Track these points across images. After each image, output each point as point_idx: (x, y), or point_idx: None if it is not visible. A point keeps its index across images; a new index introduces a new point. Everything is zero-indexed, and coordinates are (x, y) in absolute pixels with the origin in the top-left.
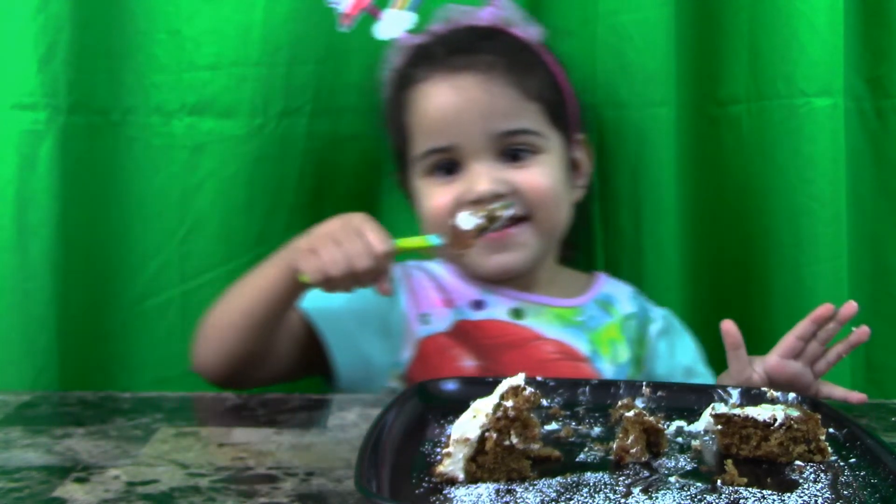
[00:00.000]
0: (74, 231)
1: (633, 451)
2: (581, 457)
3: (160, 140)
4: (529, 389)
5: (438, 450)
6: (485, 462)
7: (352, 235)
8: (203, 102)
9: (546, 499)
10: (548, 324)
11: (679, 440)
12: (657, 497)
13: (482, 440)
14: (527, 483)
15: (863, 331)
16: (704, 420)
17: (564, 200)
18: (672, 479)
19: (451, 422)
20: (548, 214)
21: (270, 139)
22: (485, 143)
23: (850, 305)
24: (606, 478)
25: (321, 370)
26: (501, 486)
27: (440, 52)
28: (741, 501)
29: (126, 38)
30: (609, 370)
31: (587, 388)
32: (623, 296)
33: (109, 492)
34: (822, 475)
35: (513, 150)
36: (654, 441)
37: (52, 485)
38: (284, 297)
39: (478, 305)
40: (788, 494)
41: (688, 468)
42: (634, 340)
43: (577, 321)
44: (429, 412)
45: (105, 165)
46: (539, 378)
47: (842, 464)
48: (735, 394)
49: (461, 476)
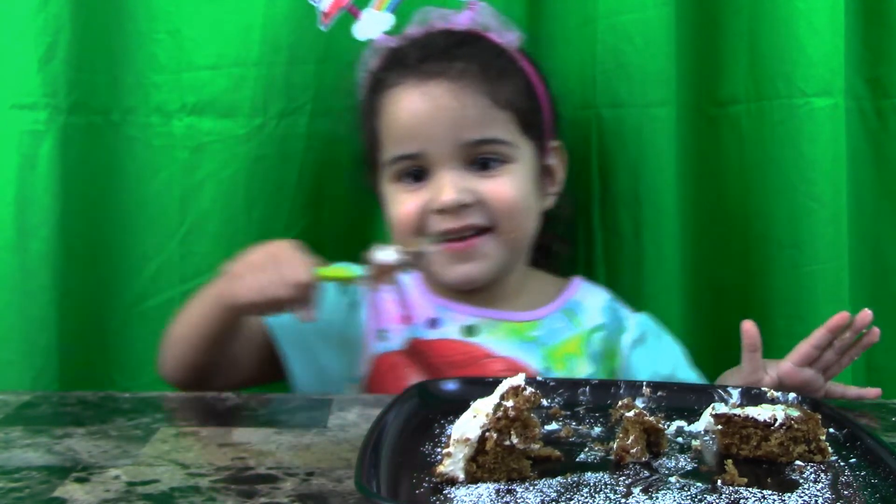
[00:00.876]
0: (74, 231)
1: (634, 451)
2: (581, 457)
3: (160, 140)
4: (529, 389)
5: (438, 450)
6: (485, 462)
7: (273, 264)
8: (203, 102)
9: (546, 499)
10: (500, 340)
11: (679, 440)
12: (657, 497)
13: (482, 440)
14: (527, 483)
15: (874, 333)
16: (704, 420)
17: (532, 210)
18: (672, 479)
19: (451, 422)
20: (513, 225)
21: (270, 139)
22: (453, 152)
23: (866, 313)
24: (606, 478)
25: (286, 375)
26: (501, 486)
27: (413, 58)
28: (741, 501)
29: (126, 38)
30: None
31: (587, 388)
32: (594, 305)
33: (109, 492)
34: (823, 475)
35: (482, 159)
36: (654, 441)
37: (53, 485)
38: (220, 320)
39: (433, 324)
40: (788, 494)
41: (688, 468)
42: (601, 354)
43: (532, 336)
44: (429, 412)
45: (105, 165)
46: (539, 378)
47: (842, 464)
48: (735, 394)
49: (461, 476)
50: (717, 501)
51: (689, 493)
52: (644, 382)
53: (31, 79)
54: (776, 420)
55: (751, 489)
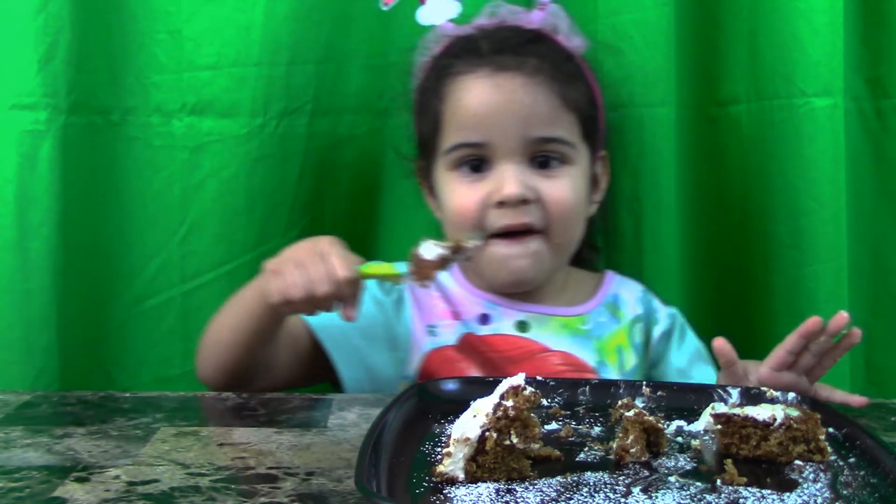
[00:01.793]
0: (74, 231)
1: (633, 451)
2: (581, 457)
3: (160, 140)
4: (529, 389)
5: (438, 450)
6: (485, 462)
7: (315, 259)
8: (203, 102)
9: (546, 499)
10: (553, 335)
11: (679, 440)
12: (657, 497)
13: (482, 440)
14: (527, 483)
15: (854, 333)
16: (704, 420)
17: (582, 216)
18: (672, 479)
19: (451, 422)
20: (564, 228)
21: (270, 139)
22: (517, 146)
23: (841, 316)
24: (606, 477)
25: (329, 377)
26: (501, 486)
27: (486, 48)
28: (741, 501)
29: (126, 38)
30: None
31: (587, 388)
32: (631, 297)
33: (110, 492)
34: (822, 475)
35: (543, 158)
36: (654, 441)
37: (53, 485)
38: (263, 319)
39: (484, 319)
40: (788, 494)
41: (688, 468)
42: (641, 344)
43: (583, 329)
44: (429, 412)
45: (105, 165)
46: (539, 378)
47: (841, 463)
48: (735, 393)
49: (461, 476)
50: (717, 501)
51: (689, 493)
52: (644, 382)
53: (31, 79)
54: (776, 420)
55: (750, 489)
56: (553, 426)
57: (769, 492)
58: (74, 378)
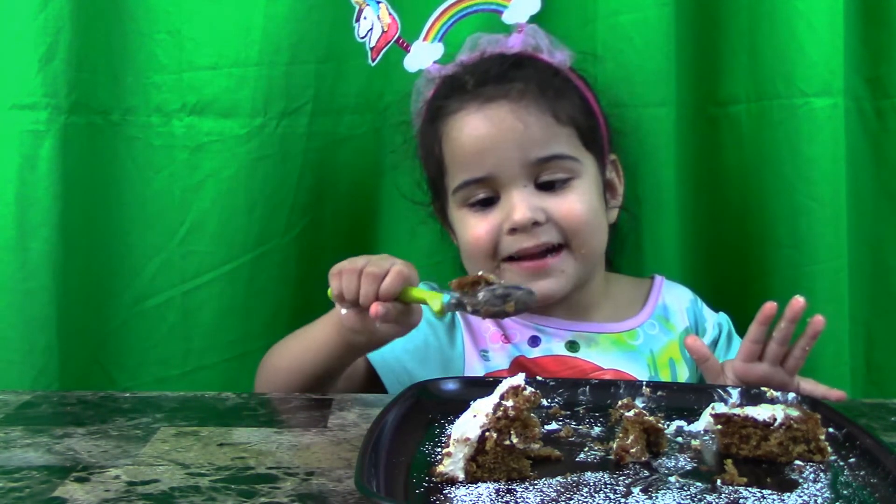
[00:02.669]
0: (74, 231)
1: (633, 451)
2: (581, 457)
3: (160, 140)
4: (529, 389)
5: (438, 450)
6: (485, 462)
7: (372, 272)
8: (203, 102)
9: (546, 499)
10: (604, 353)
11: (679, 440)
12: (657, 497)
13: (482, 440)
14: (527, 483)
15: (817, 321)
16: (704, 420)
17: (601, 223)
18: (672, 479)
19: (451, 422)
20: (584, 240)
21: (270, 139)
22: (520, 172)
23: (797, 301)
24: (606, 478)
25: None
26: (501, 486)
27: (471, 82)
28: (741, 501)
29: (126, 38)
30: None
31: (587, 388)
32: (679, 307)
33: (109, 492)
34: (822, 475)
35: (548, 181)
36: (654, 441)
37: (53, 485)
38: (337, 352)
39: (534, 341)
40: (788, 494)
41: (688, 468)
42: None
43: (633, 345)
44: (429, 412)
45: (105, 165)
46: (539, 378)
47: (841, 463)
48: (735, 393)
49: (461, 476)
50: (717, 501)
51: (689, 493)
52: (644, 382)
53: (32, 79)
54: (776, 420)
55: (750, 489)
56: (553, 426)
57: (769, 492)
58: (74, 378)
